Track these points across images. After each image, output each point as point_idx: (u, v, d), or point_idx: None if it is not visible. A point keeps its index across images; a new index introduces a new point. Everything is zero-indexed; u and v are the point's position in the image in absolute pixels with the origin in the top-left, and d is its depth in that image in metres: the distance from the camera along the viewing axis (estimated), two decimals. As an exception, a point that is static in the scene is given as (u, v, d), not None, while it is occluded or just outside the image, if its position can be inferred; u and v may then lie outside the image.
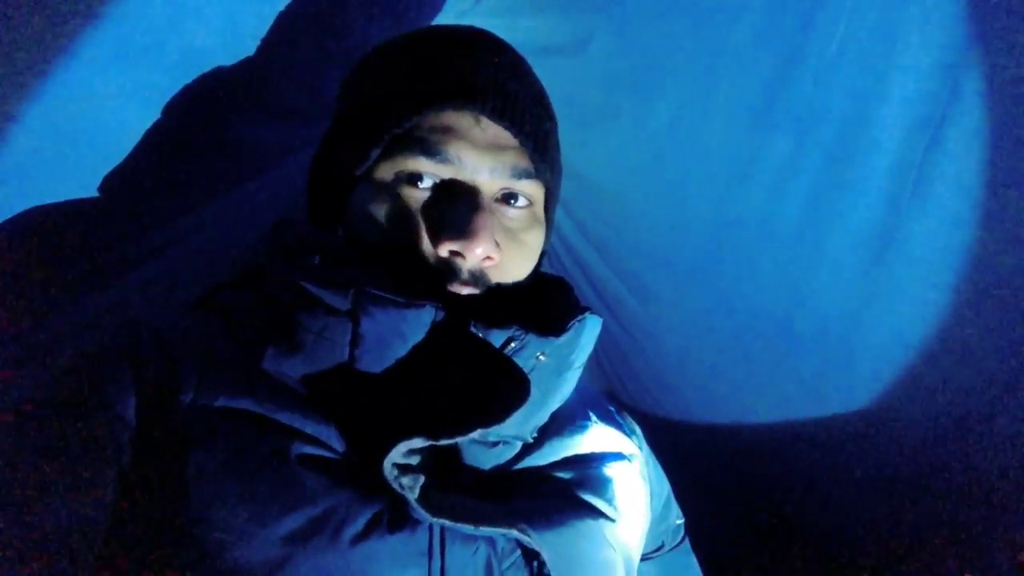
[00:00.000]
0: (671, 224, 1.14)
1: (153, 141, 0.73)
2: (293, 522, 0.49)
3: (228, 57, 0.76)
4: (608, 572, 0.61)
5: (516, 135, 0.62)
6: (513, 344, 0.59)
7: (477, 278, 0.60)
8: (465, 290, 0.60)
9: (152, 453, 0.51)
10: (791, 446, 1.11)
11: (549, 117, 0.69)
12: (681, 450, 1.00)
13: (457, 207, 0.60)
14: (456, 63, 0.63)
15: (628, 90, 1.06)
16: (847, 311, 0.98)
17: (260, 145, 0.89)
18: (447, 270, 0.59)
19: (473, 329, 0.57)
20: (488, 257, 0.60)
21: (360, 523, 0.51)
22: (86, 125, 0.67)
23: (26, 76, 0.60)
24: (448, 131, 0.60)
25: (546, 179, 0.66)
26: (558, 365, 0.63)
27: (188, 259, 0.92)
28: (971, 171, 0.79)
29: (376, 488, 0.51)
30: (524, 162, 0.63)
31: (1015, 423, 0.86)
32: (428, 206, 0.61)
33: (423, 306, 0.56)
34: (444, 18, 1.13)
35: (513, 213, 0.64)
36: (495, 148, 0.62)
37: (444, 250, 0.59)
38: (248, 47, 0.77)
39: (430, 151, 0.60)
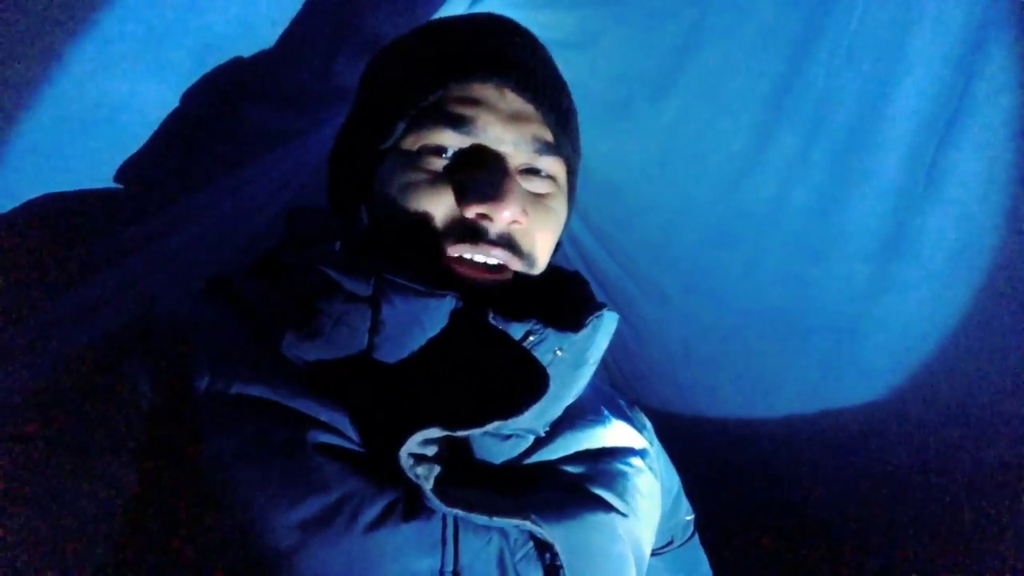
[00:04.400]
0: (678, 218, 1.14)
1: (167, 126, 0.73)
2: (308, 509, 0.49)
3: (245, 42, 0.76)
4: (620, 566, 0.61)
5: (538, 108, 0.63)
6: (532, 338, 0.59)
7: (505, 241, 0.60)
8: (493, 252, 0.60)
9: (168, 440, 0.51)
10: (798, 440, 1.11)
11: (568, 96, 0.70)
12: (690, 446, 1.00)
13: (485, 172, 0.60)
14: (480, 40, 0.64)
15: (638, 85, 1.06)
16: (855, 306, 0.98)
17: (270, 130, 0.89)
18: (475, 232, 0.59)
19: (492, 321, 0.57)
20: (515, 220, 0.60)
21: (375, 511, 0.50)
22: (105, 105, 0.68)
23: (46, 56, 0.60)
24: (473, 103, 0.61)
25: (567, 155, 0.67)
26: (574, 360, 0.62)
27: (196, 240, 0.92)
28: (983, 165, 0.79)
29: (391, 477, 0.51)
30: (547, 135, 0.64)
31: (1022, 419, 0.86)
32: (455, 172, 0.61)
33: (444, 296, 0.55)
34: (451, 9, 1.13)
35: (538, 182, 0.65)
36: (519, 119, 0.62)
37: (472, 212, 0.59)
38: (265, 33, 0.78)
39: (455, 122, 0.61)
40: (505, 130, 0.62)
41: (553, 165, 0.65)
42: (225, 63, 0.75)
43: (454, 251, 0.59)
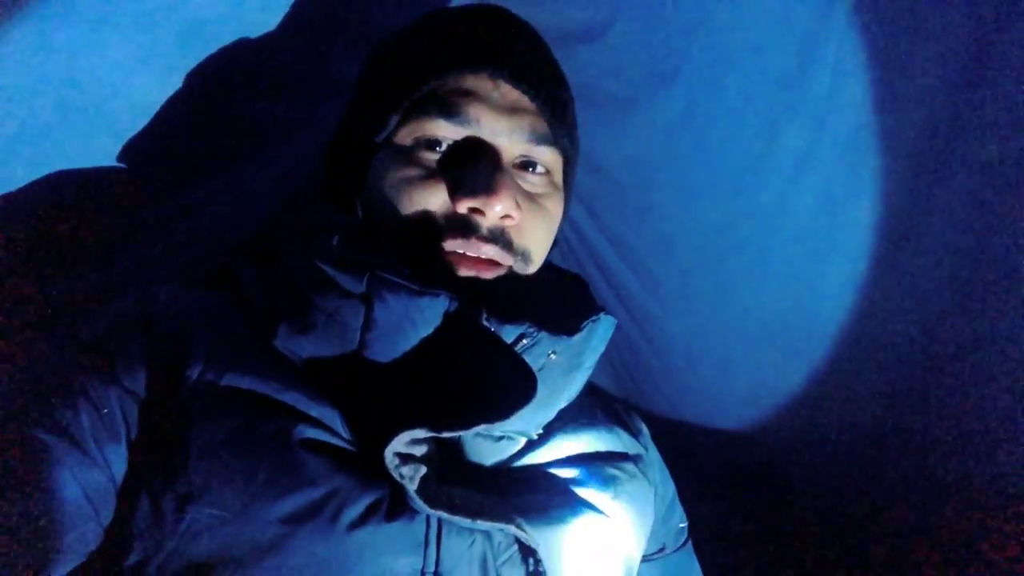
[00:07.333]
0: (683, 216, 1.13)
1: (162, 111, 0.73)
2: (292, 504, 0.49)
3: (232, 26, 0.75)
4: (606, 571, 0.60)
5: (534, 99, 0.63)
6: (525, 341, 0.59)
7: (497, 236, 0.60)
8: (484, 248, 0.59)
9: (159, 426, 0.52)
10: (802, 450, 1.09)
11: (566, 88, 0.70)
12: (688, 452, 0.99)
13: (477, 166, 0.60)
14: (475, 31, 0.64)
15: (644, 80, 1.04)
16: (860, 307, 0.96)
17: (263, 120, 0.88)
18: (467, 226, 0.59)
19: (486, 323, 0.57)
20: (508, 216, 0.60)
21: (358, 509, 0.50)
22: (91, 91, 0.67)
23: (30, 40, 0.60)
24: (467, 93, 0.61)
25: (564, 147, 0.67)
26: (568, 364, 0.62)
27: (198, 233, 0.92)
28: (990, 162, 0.77)
29: (377, 476, 0.51)
30: (542, 126, 0.64)
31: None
32: (448, 166, 0.61)
33: (438, 295, 0.55)
34: (456, 1, 1.12)
35: (532, 179, 0.64)
36: (513, 110, 0.62)
37: (463, 207, 0.59)
38: (252, 17, 0.77)
39: (449, 113, 0.60)
40: (500, 121, 0.61)
41: (549, 156, 0.65)
42: (214, 45, 0.74)
43: (447, 246, 0.59)
